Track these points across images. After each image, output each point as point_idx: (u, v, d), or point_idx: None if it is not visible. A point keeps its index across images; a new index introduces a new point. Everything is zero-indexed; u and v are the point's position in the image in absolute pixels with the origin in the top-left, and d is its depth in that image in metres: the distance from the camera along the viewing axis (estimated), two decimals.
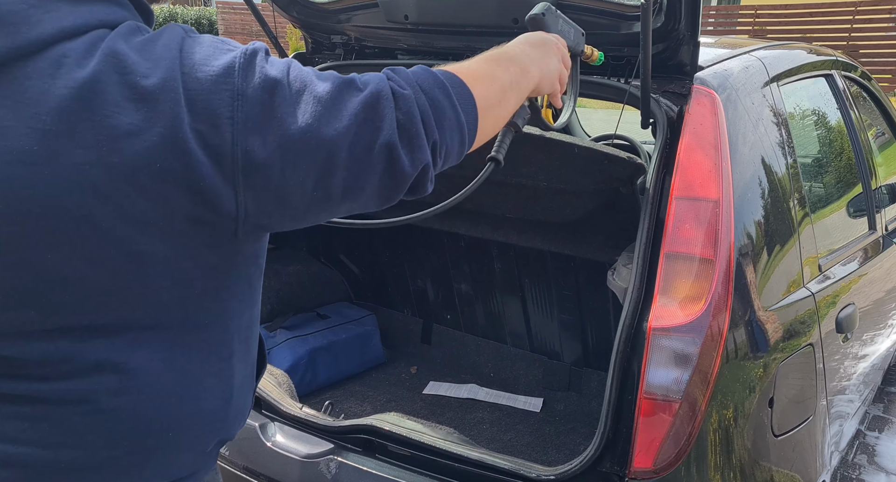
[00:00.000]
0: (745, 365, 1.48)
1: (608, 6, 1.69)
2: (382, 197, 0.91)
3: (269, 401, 1.81)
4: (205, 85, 0.77)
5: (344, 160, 0.84)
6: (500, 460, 1.56)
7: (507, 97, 1.07)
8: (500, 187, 2.04)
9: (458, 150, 0.97)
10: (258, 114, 0.79)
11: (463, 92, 0.96)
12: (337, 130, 0.82)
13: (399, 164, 0.87)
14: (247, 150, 0.79)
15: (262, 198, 0.82)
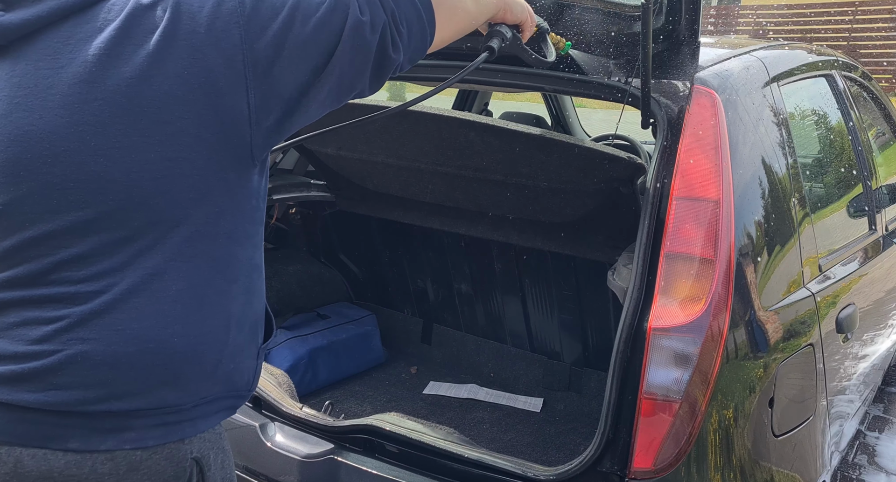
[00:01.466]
0: (745, 365, 1.48)
1: (608, 6, 1.69)
2: (357, 65, 1.03)
3: (269, 401, 1.81)
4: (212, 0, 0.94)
5: (322, 39, 0.99)
6: (500, 460, 1.56)
7: (462, 1, 1.21)
8: (500, 187, 2.04)
9: (418, 27, 1.09)
10: (257, 14, 0.95)
11: None
12: (317, 18, 0.98)
13: (363, 27, 1.01)
14: (252, 48, 0.94)
15: (267, 92, 0.96)
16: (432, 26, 1.12)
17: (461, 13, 1.22)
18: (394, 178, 2.26)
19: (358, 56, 1.02)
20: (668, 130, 1.60)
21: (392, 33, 1.05)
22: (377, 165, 2.21)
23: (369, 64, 1.05)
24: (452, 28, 1.21)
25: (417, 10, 1.09)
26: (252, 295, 1.08)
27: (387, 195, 2.45)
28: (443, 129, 1.87)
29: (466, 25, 1.25)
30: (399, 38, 1.07)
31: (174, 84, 0.91)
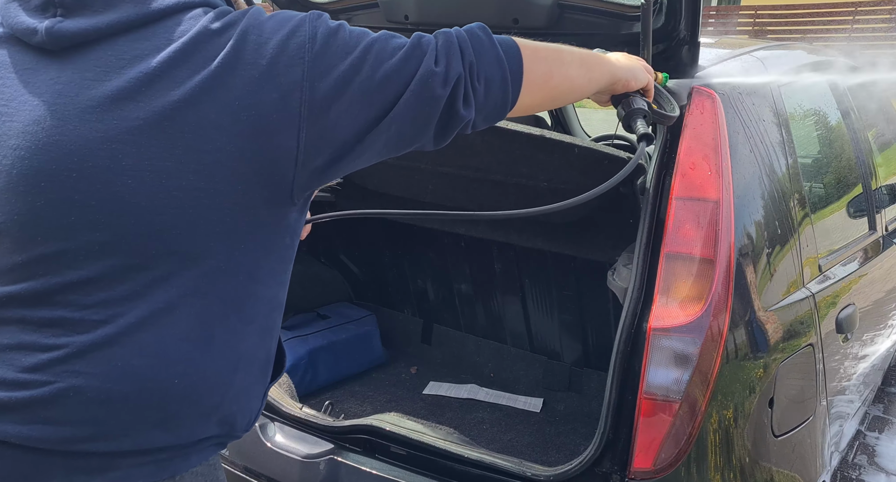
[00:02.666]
0: (745, 365, 1.48)
1: (608, 6, 1.69)
2: (421, 119, 0.97)
3: (269, 401, 1.81)
4: (281, 33, 0.90)
5: (390, 88, 0.94)
6: (500, 460, 1.56)
7: (566, 61, 1.12)
8: (500, 187, 2.04)
9: (499, 84, 1.01)
10: (325, 54, 0.91)
11: (505, 40, 1.04)
12: (390, 65, 0.94)
13: (434, 79, 0.95)
14: (314, 87, 0.89)
15: (320, 134, 0.91)
16: (517, 88, 1.03)
17: (559, 79, 1.11)
18: (394, 178, 2.26)
19: (424, 109, 0.96)
20: (667, 130, 1.60)
21: (466, 88, 0.98)
22: (377, 165, 2.19)
23: (435, 118, 0.98)
24: (546, 93, 1.11)
25: (502, 67, 1.01)
26: (268, 334, 1.03)
27: (387, 195, 2.45)
28: None
29: (566, 94, 1.16)
30: (473, 95, 0.99)
31: (221, 113, 0.87)
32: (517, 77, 1.03)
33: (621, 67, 1.24)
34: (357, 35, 0.95)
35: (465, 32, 1.01)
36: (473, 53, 0.99)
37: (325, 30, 0.92)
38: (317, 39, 0.91)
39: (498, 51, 1.01)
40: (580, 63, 1.15)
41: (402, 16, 1.95)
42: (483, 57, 0.99)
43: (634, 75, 1.26)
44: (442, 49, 0.97)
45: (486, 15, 1.84)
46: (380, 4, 1.98)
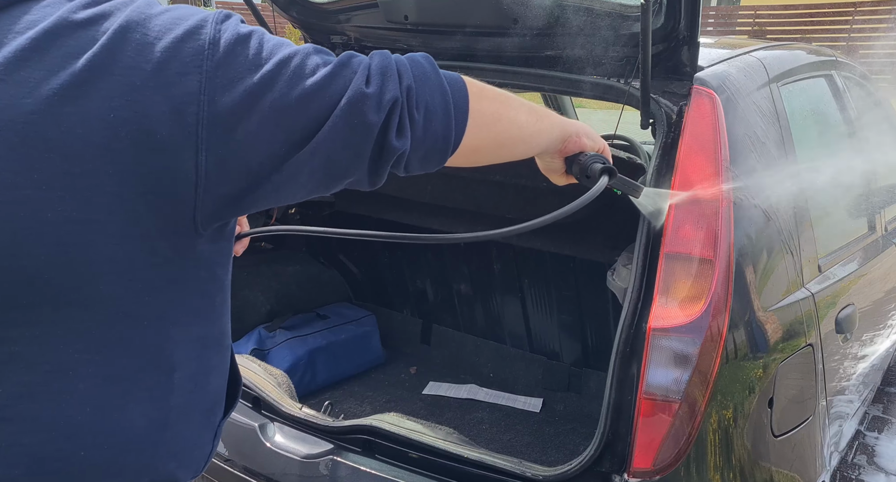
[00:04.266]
0: (744, 365, 1.48)
1: (608, 6, 1.69)
2: (351, 149, 0.82)
3: (269, 402, 1.81)
4: (175, 33, 0.75)
5: (311, 108, 0.79)
6: (499, 460, 1.56)
7: (514, 106, 1.00)
8: (499, 188, 2.04)
9: (441, 117, 0.88)
10: (229, 63, 0.76)
11: (450, 73, 0.92)
12: (311, 82, 0.79)
13: (366, 103, 0.81)
14: (214, 101, 0.74)
15: (226, 157, 0.75)
16: (462, 125, 0.90)
17: (507, 123, 0.99)
18: (392, 177, 2.26)
19: (354, 137, 0.81)
20: (667, 130, 1.60)
21: (402, 115, 0.83)
22: None
23: (368, 149, 0.83)
24: (492, 137, 0.97)
25: (446, 98, 0.88)
26: (205, 376, 0.90)
27: (386, 195, 2.45)
28: None
29: (514, 142, 1.03)
30: (410, 125, 0.84)
31: (94, 128, 0.70)
32: (462, 111, 0.90)
33: (573, 123, 1.14)
34: (273, 46, 0.80)
35: (405, 57, 0.89)
36: (413, 78, 0.85)
37: (232, 35, 0.77)
38: (219, 45, 0.76)
39: (442, 80, 0.89)
40: (529, 110, 1.04)
41: (402, 16, 1.95)
42: (424, 84, 0.86)
43: (588, 134, 1.15)
44: (376, 69, 0.83)
45: (486, 15, 1.84)
46: (380, 4, 1.98)
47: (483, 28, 1.89)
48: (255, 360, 2.07)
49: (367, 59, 0.85)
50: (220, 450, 1.82)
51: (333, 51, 2.28)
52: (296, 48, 0.82)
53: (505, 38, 1.90)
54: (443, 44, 2.02)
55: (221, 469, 1.81)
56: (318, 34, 2.26)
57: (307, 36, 2.29)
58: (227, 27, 0.78)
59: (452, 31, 1.96)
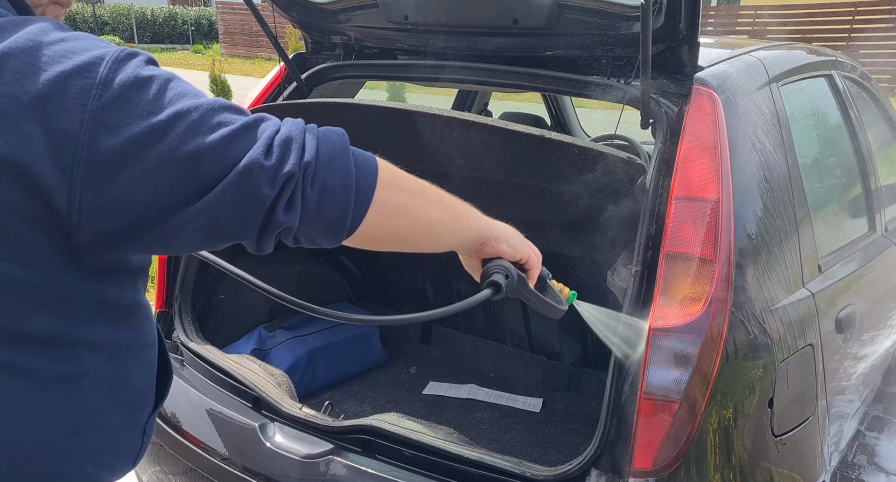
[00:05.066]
0: (744, 365, 1.48)
1: (608, 6, 1.69)
2: (240, 217, 0.79)
3: (269, 402, 1.81)
4: (64, 66, 0.72)
5: (203, 169, 0.75)
6: (499, 460, 1.56)
7: (430, 201, 0.95)
8: (500, 187, 2.04)
9: (338, 199, 0.83)
10: (118, 106, 0.73)
11: (365, 154, 0.88)
12: (207, 141, 0.75)
13: (261, 174, 0.77)
14: (95, 143, 0.71)
15: (105, 202, 0.73)
16: (361, 211, 0.85)
17: (414, 217, 0.93)
18: None
19: (244, 207, 0.77)
20: (667, 130, 1.60)
21: (295, 191, 0.79)
22: None
23: (258, 220, 0.79)
24: (394, 228, 0.92)
25: (348, 180, 0.83)
26: (123, 378, 0.89)
27: None
28: (443, 130, 1.87)
29: (420, 237, 0.98)
30: (302, 202, 0.80)
31: None
32: (364, 197, 0.85)
33: (496, 228, 1.08)
34: (175, 95, 0.76)
35: (316, 129, 0.85)
36: (317, 154, 0.81)
37: (129, 77, 0.74)
38: (111, 86, 0.72)
39: (349, 161, 0.84)
40: (447, 208, 0.99)
41: (402, 16, 1.95)
42: (328, 162, 0.82)
43: (509, 241, 1.10)
44: (280, 140, 0.79)
45: (485, 15, 1.84)
46: (380, 4, 1.98)
47: (483, 28, 1.89)
48: (256, 360, 2.07)
49: (274, 126, 0.81)
50: (220, 450, 1.83)
51: (333, 51, 2.30)
52: (201, 101, 0.77)
53: (505, 37, 1.91)
54: (443, 43, 2.02)
55: (221, 469, 1.81)
56: (318, 34, 2.26)
57: (307, 36, 2.29)
58: (126, 68, 0.75)
59: (452, 31, 1.96)
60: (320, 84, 2.27)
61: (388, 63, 2.20)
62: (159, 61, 0.82)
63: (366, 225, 0.87)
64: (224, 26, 25.90)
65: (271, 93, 2.30)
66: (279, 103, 2.09)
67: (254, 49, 24.98)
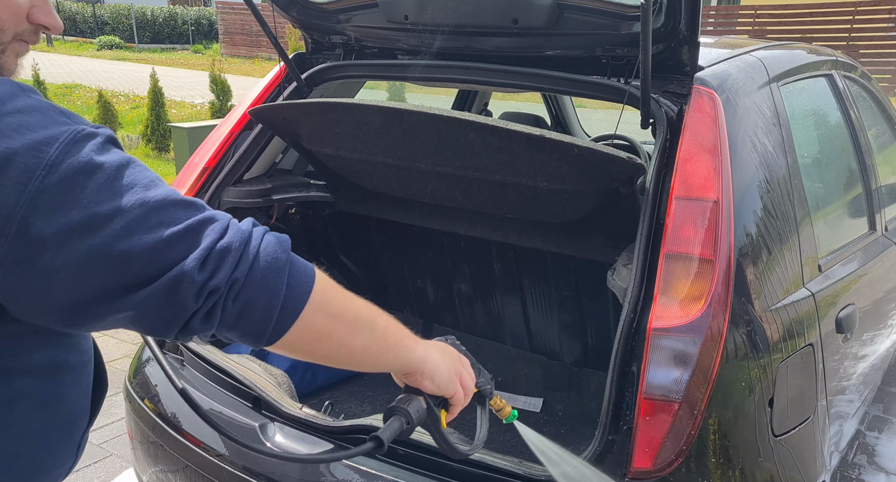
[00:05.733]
0: (744, 365, 1.48)
1: (608, 6, 1.70)
2: (161, 321, 0.78)
3: (269, 402, 1.81)
4: (13, 143, 0.71)
5: (131, 270, 0.74)
6: (499, 460, 1.56)
7: (359, 330, 0.92)
8: (500, 187, 2.04)
9: (259, 317, 0.82)
10: (60, 191, 0.71)
11: (304, 271, 0.86)
12: (145, 240, 0.74)
13: (189, 288, 0.76)
14: (27, 222, 0.70)
15: (25, 282, 0.72)
16: (281, 328, 0.84)
17: (335, 345, 0.90)
18: (393, 178, 2.26)
19: (167, 314, 0.77)
20: (667, 130, 1.60)
21: (216, 305, 0.78)
22: (377, 166, 2.21)
23: (179, 325, 0.78)
24: (309, 351, 0.90)
25: (274, 302, 0.82)
26: (59, 399, 0.89)
27: (386, 195, 2.45)
28: (442, 129, 1.88)
29: (333, 360, 0.95)
30: (222, 314, 0.79)
31: None
32: (287, 318, 0.83)
33: (426, 363, 1.04)
34: (124, 186, 0.75)
35: (261, 237, 0.83)
36: (249, 270, 0.79)
37: (79, 162, 0.72)
38: (57, 170, 0.71)
39: (281, 280, 0.82)
40: (377, 337, 0.95)
41: (402, 16, 1.95)
42: (259, 279, 0.80)
43: (434, 378, 1.05)
44: (219, 250, 0.77)
45: (485, 15, 1.84)
46: (380, 4, 1.98)
47: (483, 28, 1.89)
48: (256, 360, 2.07)
49: (218, 231, 0.79)
50: (220, 449, 1.83)
51: (333, 51, 2.30)
52: (149, 196, 0.76)
53: (505, 37, 1.90)
54: (443, 43, 2.02)
55: (221, 468, 1.81)
56: (318, 34, 2.26)
57: (307, 36, 2.29)
58: (79, 152, 0.73)
59: (452, 31, 1.96)
60: (320, 84, 2.27)
61: (388, 63, 2.20)
62: (159, 61, 0.80)
63: (285, 341, 0.85)
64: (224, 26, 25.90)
65: (271, 93, 2.30)
66: (279, 103, 2.09)
67: (254, 49, 24.99)
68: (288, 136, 2.24)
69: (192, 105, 13.02)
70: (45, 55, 22.60)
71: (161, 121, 8.75)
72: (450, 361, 1.09)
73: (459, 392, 1.11)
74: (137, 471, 2.18)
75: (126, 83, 16.31)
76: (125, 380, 2.19)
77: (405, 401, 1.07)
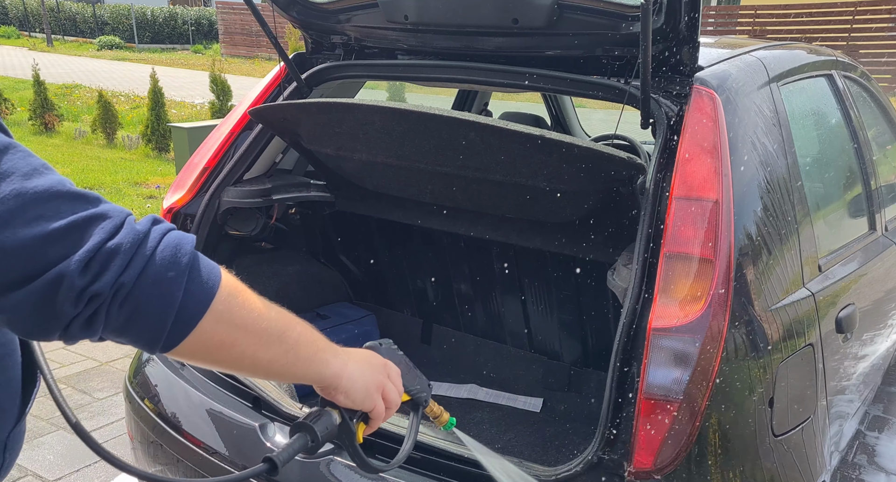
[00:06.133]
0: (745, 365, 1.48)
1: (608, 6, 1.69)
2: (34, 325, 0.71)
3: (269, 402, 1.81)
4: None
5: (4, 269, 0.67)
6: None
7: (267, 341, 0.86)
8: (500, 187, 2.04)
9: (150, 324, 0.75)
10: None
11: (210, 274, 0.79)
12: (20, 235, 0.66)
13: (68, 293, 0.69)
14: None
15: None
16: (177, 337, 0.77)
17: (237, 356, 0.84)
18: (393, 178, 2.26)
19: (43, 316, 0.70)
20: (667, 130, 1.60)
21: (99, 311, 0.71)
22: (377, 165, 2.21)
23: (57, 330, 0.72)
24: (211, 360, 0.84)
25: (168, 309, 0.75)
26: None
27: (386, 195, 2.45)
28: (443, 129, 1.88)
29: (246, 371, 0.89)
30: (106, 319, 0.72)
31: None
32: (183, 326, 0.77)
33: (341, 379, 0.97)
34: (5, 171, 0.68)
35: (159, 239, 0.76)
36: (139, 275, 0.72)
37: None
38: None
39: (178, 286, 0.75)
40: (287, 349, 0.89)
41: (402, 16, 1.95)
42: (151, 284, 0.73)
43: (350, 394, 0.98)
44: (106, 252, 0.70)
45: (485, 15, 1.84)
46: (380, 4, 1.98)
47: (483, 28, 1.89)
48: None
49: (108, 230, 0.72)
50: (220, 450, 1.83)
51: (333, 51, 2.30)
52: (28, 186, 0.68)
53: (505, 37, 1.90)
54: (443, 43, 2.02)
55: (221, 468, 1.81)
56: (318, 34, 2.26)
57: (307, 36, 2.29)
58: None
59: (452, 31, 1.96)
60: (320, 84, 2.27)
61: (388, 63, 2.20)
62: (160, 61, 0.77)
63: (182, 350, 0.79)
64: (224, 26, 25.90)
65: (271, 93, 2.30)
66: (279, 103, 2.09)
67: (254, 49, 24.99)
68: (288, 136, 2.24)
69: (192, 105, 13.02)
70: (45, 55, 22.60)
71: (161, 121, 8.75)
72: (370, 375, 1.02)
73: (379, 406, 1.03)
74: None
75: (126, 83, 16.32)
76: (125, 381, 2.19)
77: (313, 417, 1.00)
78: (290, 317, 0.91)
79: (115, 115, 9.57)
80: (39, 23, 30.00)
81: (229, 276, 0.84)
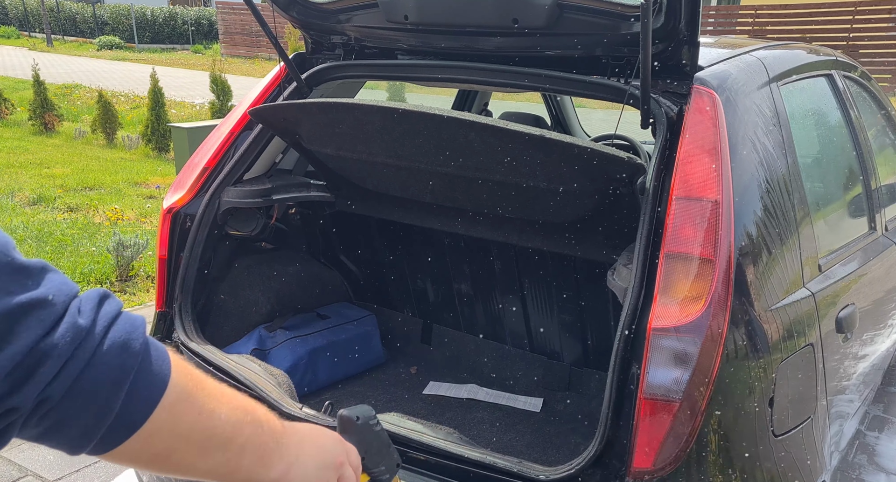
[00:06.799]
0: (745, 365, 1.48)
1: (608, 6, 1.70)
2: None
3: (269, 402, 1.81)
4: None
5: None
6: (500, 460, 1.56)
7: (212, 447, 0.75)
8: (500, 187, 2.04)
9: (78, 435, 0.65)
10: None
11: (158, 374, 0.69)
12: None
13: None
14: None
15: None
16: (105, 447, 0.67)
17: (174, 465, 0.74)
18: (394, 178, 2.26)
19: None
20: (667, 130, 1.60)
21: (15, 423, 0.60)
22: (377, 166, 2.21)
23: None
24: (147, 467, 0.75)
25: (100, 422, 0.64)
26: None
27: (387, 195, 2.45)
28: (443, 129, 1.88)
29: (176, 475, 0.78)
30: (22, 430, 0.62)
31: None
32: (114, 438, 0.67)
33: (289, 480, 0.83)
34: None
35: (103, 334, 0.64)
36: (71, 385, 0.62)
37: None
38: None
39: (117, 395, 0.65)
40: (231, 456, 0.77)
41: (402, 16, 1.95)
42: (83, 393, 0.62)
43: None
44: (35, 355, 0.59)
45: (485, 15, 1.84)
46: (380, 4, 1.98)
47: (483, 28, 1.89)
48: (256, 360, 2.07)
49: (44, 324, 0.60)
50: None
51: (333, 51, 2.30)
52: None
53: (505, 37, 1.91)
54: (443, 43, 2.02)
55: None
56: (318, 34, 2.26)
57: (307, 36, 2.29)
58: None
59: (452, 31, 1.96)
60: (320, 84, 2.27)
61: (388, 63, 2.20)
62: (159, 61, 0.69)
63: (109, 456, 0.69)
64: (224, 26, 25.91)
65: (271, 93, 2.30)
66: (279, 103, 2.09)
67: (254, 49, 24.99)
68: (288, 136, 2.24)
69: (192, 105, 13.02)
70: (45, 55, 22.60)
71: (161, 121, 8.75)
72: (322, 462, 0.89)
73: None
74: (138, 471, 2.18)
75: (126, 83, 16.32)
76: None
77: None
78: (241, 414, 0.78)
79: (115, 115, 9.57)
80: (39, 23, 30.01)
81: (182, 371, 0.72)
